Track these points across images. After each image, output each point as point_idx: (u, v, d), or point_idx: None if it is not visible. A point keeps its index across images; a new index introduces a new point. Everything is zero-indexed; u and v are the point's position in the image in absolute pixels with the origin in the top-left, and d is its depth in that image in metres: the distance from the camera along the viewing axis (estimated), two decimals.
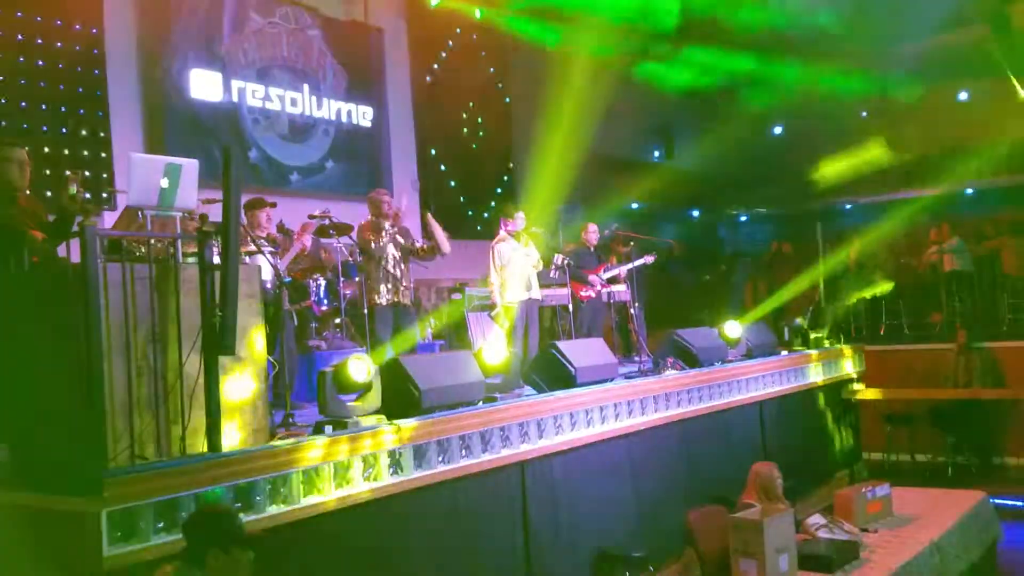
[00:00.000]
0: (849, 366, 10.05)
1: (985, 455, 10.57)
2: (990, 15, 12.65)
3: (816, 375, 9.18)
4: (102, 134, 8.53)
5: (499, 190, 12.95)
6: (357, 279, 8.20)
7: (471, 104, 12.71)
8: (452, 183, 12.42)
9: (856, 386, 10.33)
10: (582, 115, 14.13)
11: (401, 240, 7.01)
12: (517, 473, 5.47)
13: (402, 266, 7.01)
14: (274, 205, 6.67)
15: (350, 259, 8.38)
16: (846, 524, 5.27)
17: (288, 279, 6.97)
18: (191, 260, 4.10)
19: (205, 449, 3.95)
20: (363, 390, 4.78)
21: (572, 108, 13.98)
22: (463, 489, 5.06)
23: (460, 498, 5.04)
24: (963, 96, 14.88)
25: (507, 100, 13.38)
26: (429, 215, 7.27)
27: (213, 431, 3.89)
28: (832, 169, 15.21)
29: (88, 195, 7.55)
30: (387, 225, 6.98)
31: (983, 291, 12.28)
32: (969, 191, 15.22)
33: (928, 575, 5.05)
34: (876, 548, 5.10)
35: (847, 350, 10.14)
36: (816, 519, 5.28)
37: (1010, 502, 8.43)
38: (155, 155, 5.22)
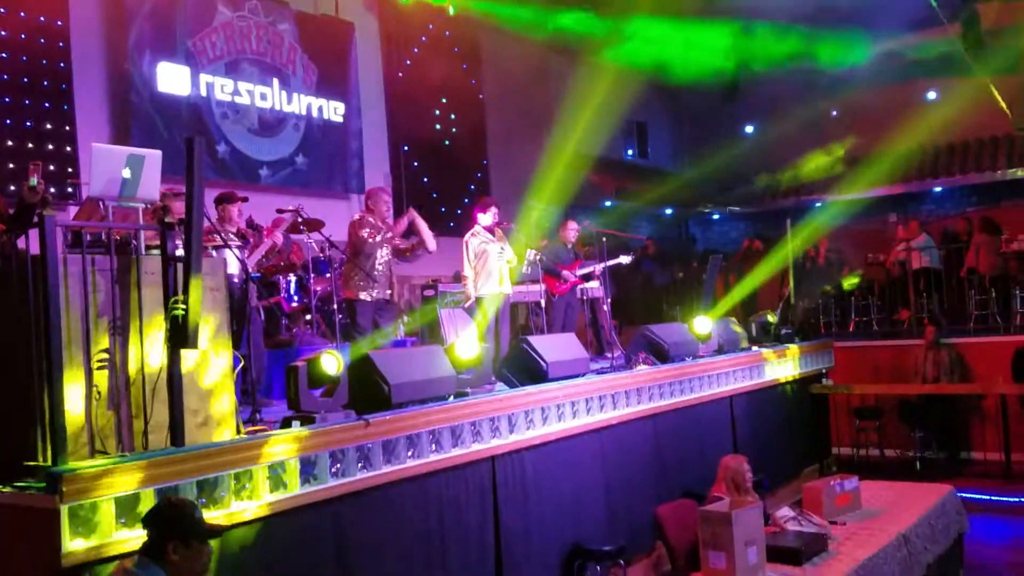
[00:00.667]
0: (818, 362, 10.14)
1: (952, 449, 10.69)
2: (960, 16, 12.83)
3: (785, 371, 9.25)
4: (67, 128, 8.40)
5: (472, 186, 12.92)
6: (328, 275, 8.15)
7: (444, 100, 12.67)
8: (425, 179, 12.38)
9: (825, 382, 10.43)
10: (556, 111, 14.17)
11: (392, 237, 7.03)
12: (488, 468, 5.46)
13: (391, 265, 7.04)
14: (245, 199, 6.61)
15: (321, 255, 8.33)
16: (815, 517, 5.29)
17: (257, 275, 6.91)
18: (154, 252, 4.03)
19: (168, 444, 3.89)
20: (331, 385, 4.74)
21: (546, 104, 14.03)
22: (433, 484, 5.04)
23: (430, 493, 5.02)
24: (931, 95, 15.08)
25: (480, 96, 13.35)
26: (414, 211, 7.25)
27: (176, 425, 3.82)
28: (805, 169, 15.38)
29: (52, 189, 7.48)
30: (383, 223, 7.00)
31: (951, 288, 12.43)
32: (937, 189, 15.40)
33: (896, 566, 5.08)
34: (844, 540, 5.12)
35: (817, 346, 10.23)
36: (785, 512, 5.29)
37: (977, 495, 8.54)
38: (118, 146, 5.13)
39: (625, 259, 9.29)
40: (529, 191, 13.43)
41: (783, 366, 9.21)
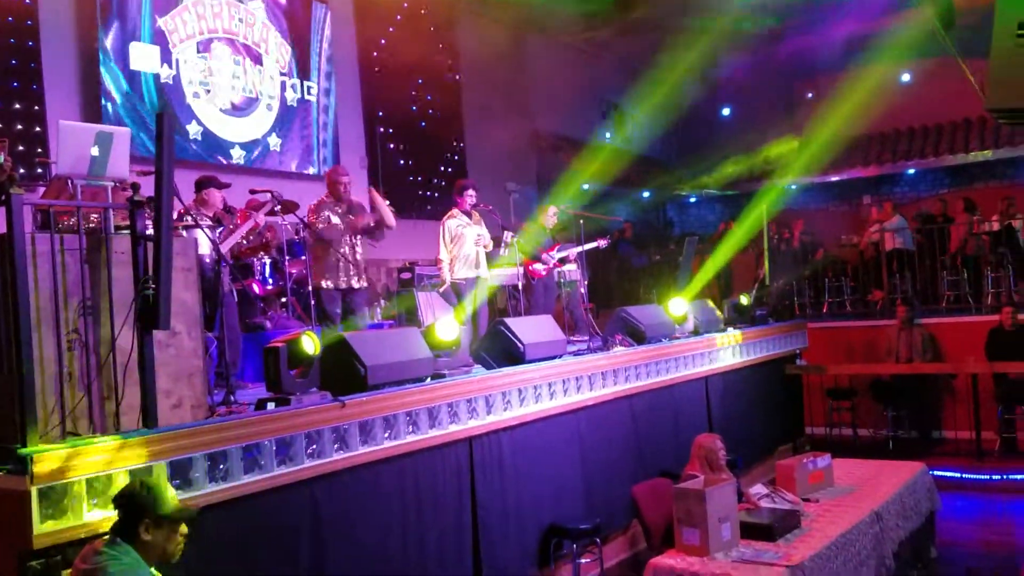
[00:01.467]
0: (793, 343, 10.23)
1: (924, 429, 10.85)
2: None
3: (760, 351, 9.33)
4: (36, 108, 8.24)
5: (449, 168, 12.84)
6: (303, 258, 8.07)
7: (420, 81, 12.56)
8: (401, 161, 12.29)
9: (799, 362, 10.54)
10: (532, 93, 14.13)
11: (355, 219, 6.89)
12: (465, 449, 5.47)
13: (357, 247, 6.91)
14: (228, 186, 6.53)
15: (295, 238, 8.25)
16: (788, 494, 5.35)
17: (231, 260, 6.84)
18: (124, 232, 3.97)
19: (140, 426, 3.85)
20: (306, 367, 4.71)
21: (523, 85, 13.96)
22: (410, 465, 5.04)
23: (407, 474, 5.02)
24: (906, 78, 15.19)
25: (457, 76, 13.26)
26: (371, 188, 7.16)
27: (148, 407, 3.78)
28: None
29: (21, 169, 7.36)
30: (341, 207, 6.87)
31: (924, 269, 12.58)
32: (911, 171, 15.53)
33: (868, 542, 5.14)
34: (817, 517, 5.18)
35: (791, 327, 10.32)
36: (758, 489, 5.35)
37: (948, 473, 8.68)
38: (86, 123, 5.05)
39: (602, 243, 9.29)
40: (506, 173, 13.42)
41: (757, 347, 9.28)
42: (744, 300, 9.53)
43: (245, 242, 7.07)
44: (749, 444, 8.63)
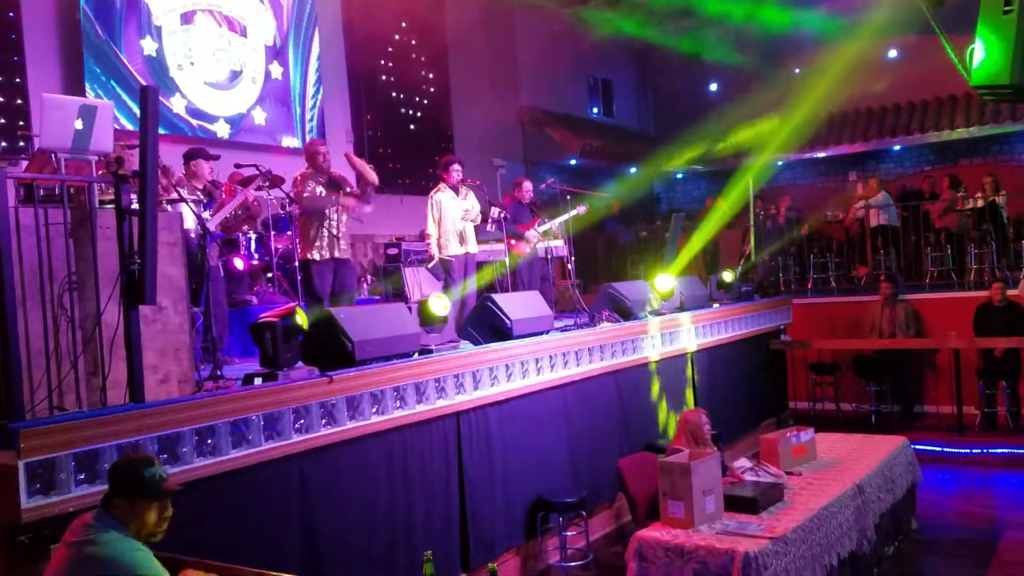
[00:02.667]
0: (777, 318, 10.30)
1: (907, 403, 10.96)
2: None
3: (745, 327, 9.38)
4: (17, 80, 8.14)
5: (437, 142, 12.79)
6: (289, 232, 8.04)
7: (408, 55, 12.47)
8: (387, 136, 12.22)
9: (784, 338, 10.61)
10: (519, 69, 14.05)
11: (339, 190, 6.80)
12: (452, 423, 5.50)
13: (340, 219, 6.83)
14: (217, 157, 6.47)
15: (281, 212, 8.21)
16: (771, 468, 5.40)
17: (220, 235, 6.79)
18: (109, 206, 3.95)
19: (128, 401, 3.85)
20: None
21: (511, 59, 13.88)
22: (398, 439, 5.07)
23: (395, 448, 5.05)
24: (893, 54, 15.18)
25: (444, 52, 13.16)
26: (348, 153, 7.08)
27: (134, 381, 3.78)
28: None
29: (3, 143, 7.27)
30: (325, 177, 6.78)
31: (908, 245, 12.65)
32: (896, 147, 15.58)
33: (850, 515, 5.21)
34: (800, 490, 5.24)
35: (776, 303, 10.38)
36: (742, 463, 5.40)
37: (929, 447, 8.79)
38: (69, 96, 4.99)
39: (581, 209, 9.19)
40: (493, 148, 13.35)
41: (742, 323, 9.34)
42: (728, 276, 9.56)
43: (233, 217, 7.01)
44: (733, 418, 8.71)
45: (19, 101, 8.10)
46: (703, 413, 5.66)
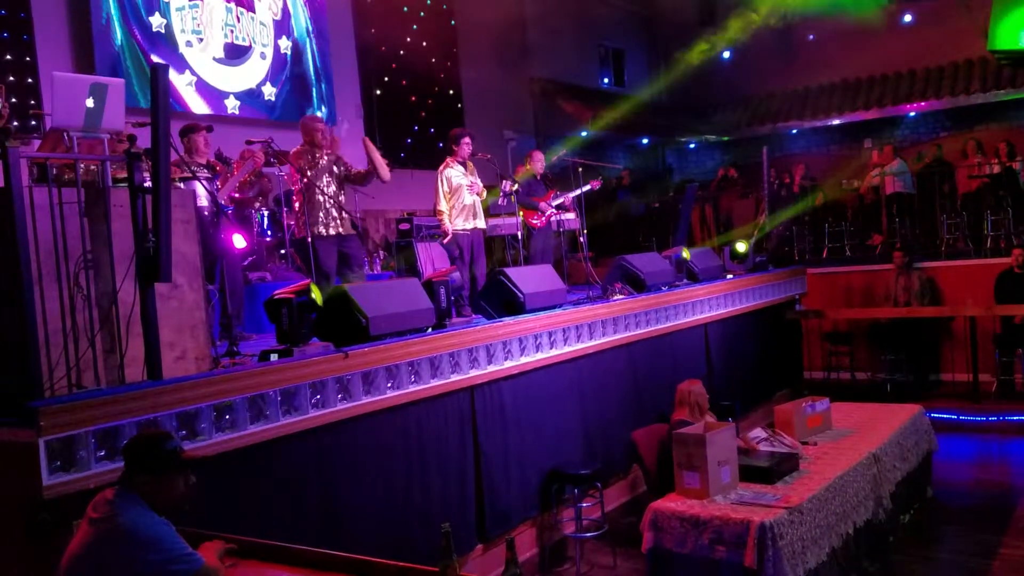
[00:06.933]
0: (792, 288, 10.25)
1: (922, 372, 10.92)
2: None
3: (759, 297, 9.35)
4: (27, 59, 8.12)
5: (446, 117, 12.71)
6: (297, 208, 8.02)
7: (415, 27, 12.37)
8: (397, 110, 12.16)
9: (798, 308, 10.57)
10: (530, 39, 13.91)
11: (335, 168, 6.75)
12: (467, 397, 5.52)
13: (340, 194, 6.78)
14: (210, 129, 6.43)
15: (292, 188, 8.19)
16: (787, 438, 5.39)
17: (230, 208, 6.78)
18: (122, 185, 3.95)
19: (145, 378, 3.88)
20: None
21: (521, 31, 13.74)
22: (413, 413, 5.10)
23: (410, 422, 5.08)
24: (908, 18, 14.96)
25: (452, 23, 13.06)
26: (365, 139, 6.99)
27: (152, 359, 3.80)
28: None
29: (15, 122, 7.27)
30: (321, 153, 6.71)
31: (924, 213, 12.53)
32: (912, 113, 15.39)
33: (866, 484, 5.20)
34: (816, 459, 5.23)
35: (790, 273, 10.33)
36: (757, 433, 5.40)
37: (945, 415, 8.77)
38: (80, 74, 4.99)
39: (595, 184, 9.13)
40: (503, 121, 13.28)
41: (757, 293, 9.31)
42: (742, 247, 9.52)
43: (248, 183, 6.93)
44: (748, 389, 8.71)
45: (30, 80, 8.09)
46: (699, 382, 5.66)
